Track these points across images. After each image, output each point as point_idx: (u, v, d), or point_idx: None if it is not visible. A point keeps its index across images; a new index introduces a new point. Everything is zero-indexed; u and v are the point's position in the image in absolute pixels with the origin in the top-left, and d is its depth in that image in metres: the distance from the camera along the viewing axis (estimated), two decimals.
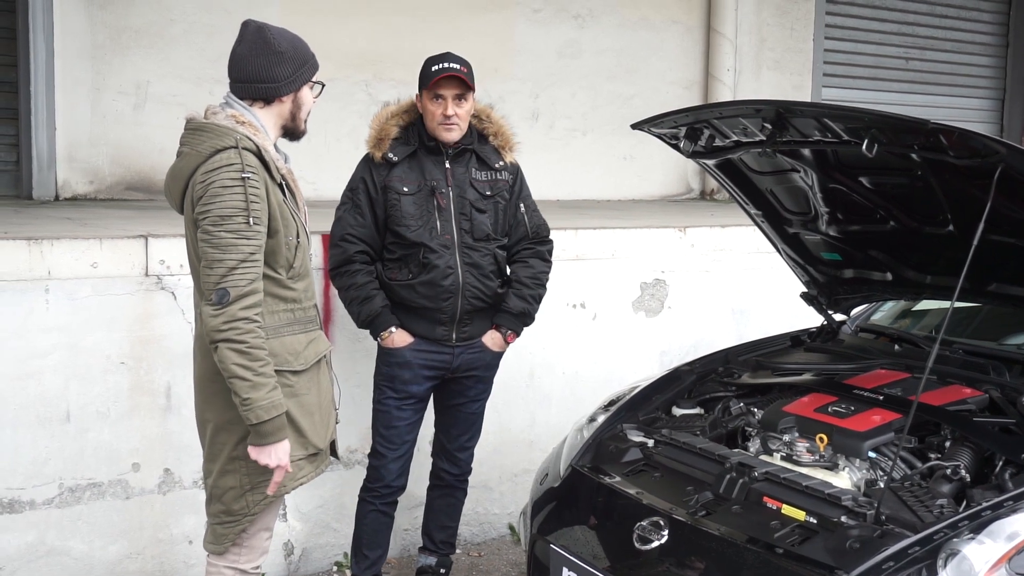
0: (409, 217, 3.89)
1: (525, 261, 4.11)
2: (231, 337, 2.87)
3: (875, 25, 9.41)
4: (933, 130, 2.92)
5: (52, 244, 3.93)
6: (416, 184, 3.92)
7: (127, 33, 6.23)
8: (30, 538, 3.97)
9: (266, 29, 3.08)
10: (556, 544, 3.45)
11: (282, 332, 3.05)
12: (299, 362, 3.09)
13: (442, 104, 3.87)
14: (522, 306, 4.07)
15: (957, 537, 2.71)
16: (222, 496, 3.10)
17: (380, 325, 3.94)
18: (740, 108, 3.42)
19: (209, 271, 2.90)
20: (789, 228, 4.06)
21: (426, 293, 3.90)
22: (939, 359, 3.76)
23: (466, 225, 3.94)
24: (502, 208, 4.03)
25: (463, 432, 4.22)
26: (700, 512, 3.14)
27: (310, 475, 3.19)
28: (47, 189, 6.12)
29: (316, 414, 3.17)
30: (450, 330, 3.97)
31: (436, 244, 3.89)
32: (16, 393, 3.89)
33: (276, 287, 3.04)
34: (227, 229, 2.88)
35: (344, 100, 6.71)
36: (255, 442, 2.96)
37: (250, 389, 2.89)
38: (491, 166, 4.02)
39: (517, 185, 4.10)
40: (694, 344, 5.40)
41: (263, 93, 3.07)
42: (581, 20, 7.88)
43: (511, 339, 4.11)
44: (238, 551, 3.17)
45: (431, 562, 4.36)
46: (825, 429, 3.33)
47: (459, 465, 4.26)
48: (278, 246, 3.01)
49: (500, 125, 4.08)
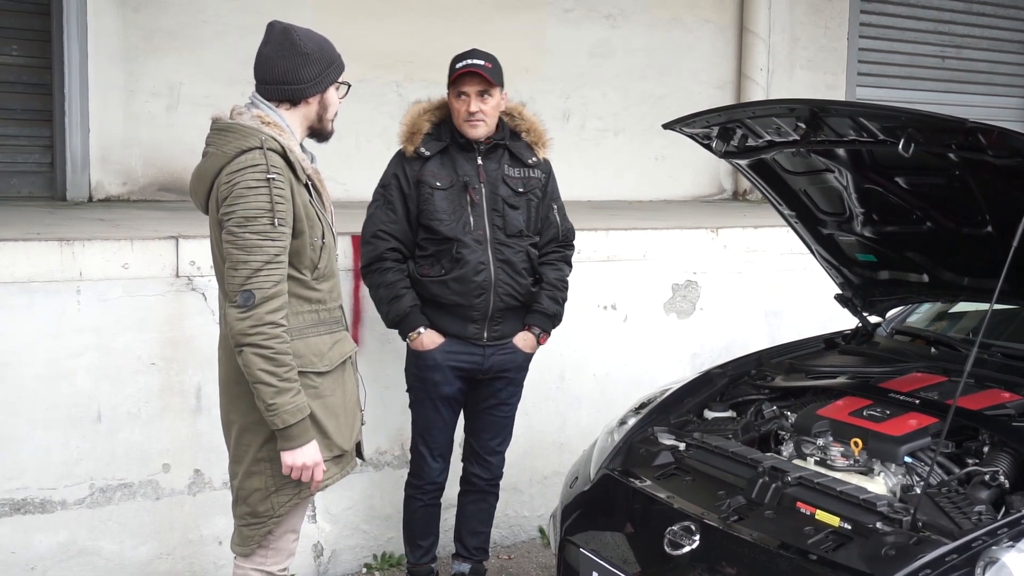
0: (442, 212, 3.88)
1: (554, 264, 4.12)
2: (257, 342, 2.86)
3: (910, 23, 9.30)
4: (971, 129, 2.86)
5: (84, 245, 3.95)
6: (449, 179, 3.91)
7: (160, 35, 6.27)
8: (61, 538, 3.99)
9: (292, 30, 3.07)
10: (585, 548, 3.42)
11: (307, 333, 3.04)
12: (324, 363, 3.08)
13: (466, 101, 3.88)
14: (555, 308, 4.08)
15: (996, 545, 2.65)
16: (248, 498, 3.10)
17: (408, 325, 3.92)
18: (773, 107, 3.38)
19: (234, 273, 2.89)
20: (823, 229, 4.01)
21: (458, 289, 3.89)
22: (977, 362, 3.69)
23: (499, 221, 3.93)
24: (535, 206, 4.03)
25: (494, 436, 4.19)
26: (732, 517, 3.10)
27: (336, 476, 3.17)
28: (81, 190, 6.17)
29: (341, 416, 3.15)
30: (482, 328, 3.95)
31: (469, 239, 3.88)
32: (48, 393, 3.92)
33: (301, 288, 3.02)
34: (252, 230, 2.87)
35: (375, 101, 6.71)
36: (284, 446, 2.96)
37: (275, 395, 2.89)
38: (524, 162, 4.02)
39: (549, 184, 4.10)
40: (726, 346, 5.35)
41: (289, 95, 3.06)
42: (612, 20, 7.85)
43: (543, 340, 4.10)
44: (264, 553, 3.17)
45: (464, 569, 4.33)
46: (860, 433, 3.28)
47: (490, 470, 4.23)
48: (303, 247, 3.00)
49: (532, 122, 4.09)
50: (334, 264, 3.18)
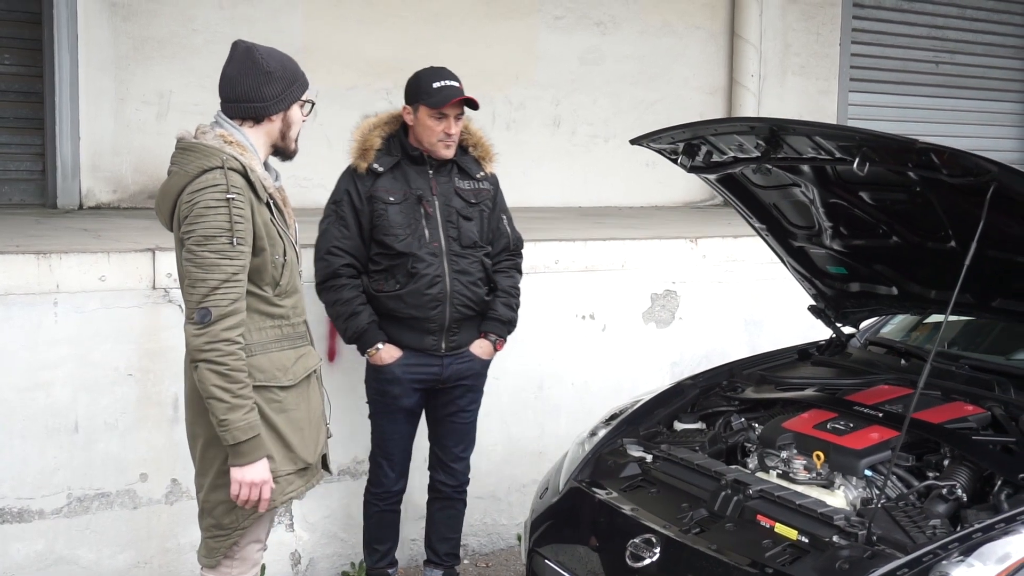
0: (396, 226, 3.92)
1: (507, 272, 4.19)
2: (212, 359, 2.90)
3: (903, 29, 9.30)
4: (923, 150, 2.89)
5: (61, 258, 3.99)
6: (402, 194, 3.95)
7: (150, 44, 6.31)
8: (39, 547, 4.03)
9: (255, 49, 3.11)
10: (552, 559, 3.46)
11: (270, 348, 3.08)
12: (287, 377, 3.11)
13: (445, 122, 3.91)
14: (510, 314, 4.15)
15: (947, 559, 2.68)
16: (212, 510, 3.15)
17: (367, 341, 3.97)
18: (734, 125, 3.41)
19: (192, 290, 2.93)
20: (794, 242, 4.04)
21: (414, 303, 3.93)
22: (944, 375, 3.73)
23: (453, 233, 3.98)
24: (486, 216, 4.09)
25: (457, 443, 4.23)
26: (694, 529, 3.13)
27: (300, 489, 3.21)
28: (71, 198, 6.22)
29: (306, 429, 3.19)
30: (439, 339, 3.99)
31: (424, 253, 3.92)
32: (25, 404, 3.95)
33: (263, 304, 3.06)
34: (210, 249, 2.91)
35: (365, 108, 6.66)
36: (235, 462, 3.00)
37: (228, 411, 2.93)
38: (472, 176, 4.07)
39: (498, 196, 4.17)
40: (706, 355, 5.37)
41: (252, 112, 3.10)
42: (603, 27, 7.87)
43: (500, 347, 4.15)
44: (230, 564, 3.21)
45: (437, 574, 4.37)
46: (822, 446, 3.31)
47: (456, 476, 4.27)
48: (264, 264, 3.04)
49: (479, 137, 4.14)
50: (297, 280, 3.21)
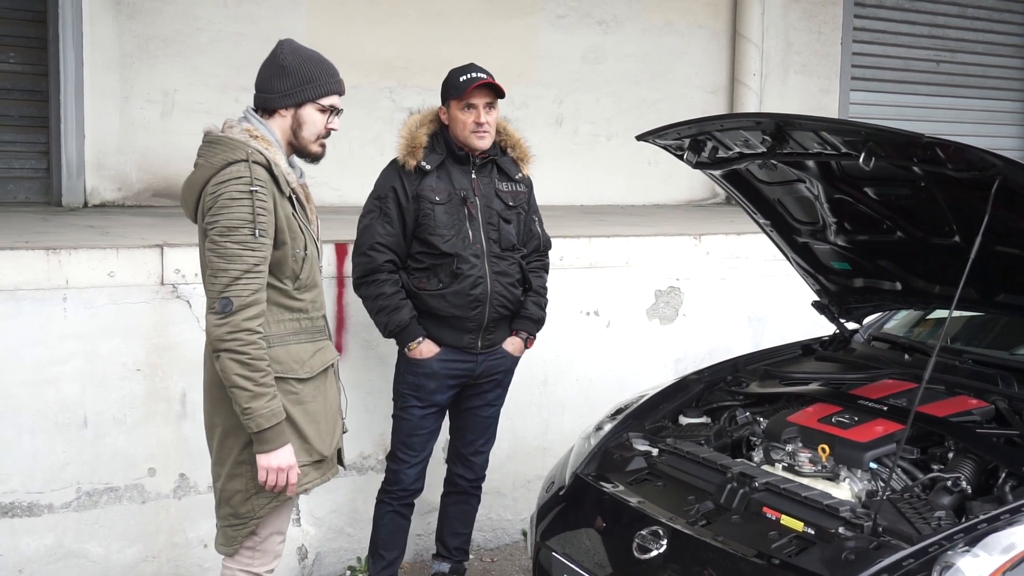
0: (443, 227, 3.93)
1: (536, 272, 4.23)
2: (233, 348, 2.94)
3: (904, 28, 9.32)
4: (929, 144, 2.91)
5: (70, 254, 4.01)
6: (447, 193, 3.96)
7: (154, 42, 6.34)
8: (48, 541, 4.06)
9: (285, 44, 3.20)
10: (559, 552, 3.48)
11: (288, 341, 3.12)
12: (304, 370, 3.15)
13: (474, 112, 3.93)
14: (540, 313, 4.20)
15: (952, 550, 2.70)
16: (230, 499, 3.18)
17: (408, 336, 3.98)
18: (740, 120, 3.44)
19: (214, 280, 2.97)
20: (798, 238, 4.06)
21: (457, 303, 3.95)
22: (948, 369, 3.75)
23: (494, 235, 4.01)
24: (523, 219, 4.13)
25: (479, 436, 4.27)
26: (700, 522, 3.16)
27: (315, 481, 3.24)
28: (76, 196, 6.25)
29: (322, 422, 3.22)
30: (476, 338, 4.03)
31: (469, 254, 3.94)
32: (35, 399, 3.98)
33: (282, 297, 3.10)
34: (233, 240, 2.95)
35: (368, 107, 6.77)
36: (259, 449, 3.04)
37: (251, 399, 2.96)
38: (511, 177, 4.10)
39: (532, 199, 4.21)
40: (710, 351, 5.39)
41: (262, 103, 3.17)
42: (605, 26, 7.90)
43: (530, 344, 4.21)
44: (251, 555, 3.24)
45: (444, 568, 4.40)
46: (827, 440, 3.33)
47: (474, 470, 4.31)
48: (284, 258, 3.07)
49: (517, 138, 4.17)
50: (317, 275, 3.25)
